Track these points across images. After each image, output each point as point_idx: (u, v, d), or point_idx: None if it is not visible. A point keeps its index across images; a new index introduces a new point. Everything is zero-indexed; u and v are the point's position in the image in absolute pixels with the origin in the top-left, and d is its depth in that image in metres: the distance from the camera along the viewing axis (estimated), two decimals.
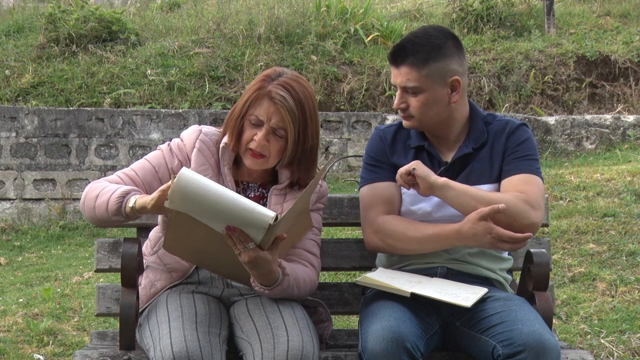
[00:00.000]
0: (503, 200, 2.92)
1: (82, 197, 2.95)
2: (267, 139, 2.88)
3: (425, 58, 2.98)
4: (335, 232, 5.91)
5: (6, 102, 8.40)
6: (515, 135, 3.07)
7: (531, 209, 2.93)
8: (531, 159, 3.04)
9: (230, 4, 10.21)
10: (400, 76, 3.01)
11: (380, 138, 3.14)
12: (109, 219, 2.86)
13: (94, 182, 2.96)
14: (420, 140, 3.09)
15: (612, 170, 6.74)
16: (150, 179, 2.93)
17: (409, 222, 3.01)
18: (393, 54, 3.03)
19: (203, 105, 8.55)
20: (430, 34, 3.02)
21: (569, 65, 9.35)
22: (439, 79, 2.99)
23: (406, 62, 2.99)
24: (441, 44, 3.00)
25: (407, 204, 3.07)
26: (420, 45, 2.99)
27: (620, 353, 4.43)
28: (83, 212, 2.94)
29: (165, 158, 2.98)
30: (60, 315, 4.96)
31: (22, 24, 9.86)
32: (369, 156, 3.13)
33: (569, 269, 5.26)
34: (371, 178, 3.10)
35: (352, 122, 8.22)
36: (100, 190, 2.89)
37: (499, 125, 3.10)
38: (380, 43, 9.38)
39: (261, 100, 2.89)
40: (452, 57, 3.01)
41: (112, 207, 2.83)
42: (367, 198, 3.09)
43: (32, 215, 7.60)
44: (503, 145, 3.06)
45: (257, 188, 3.02)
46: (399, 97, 3.03)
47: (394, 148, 3.11)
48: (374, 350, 2.68)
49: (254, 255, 2.69)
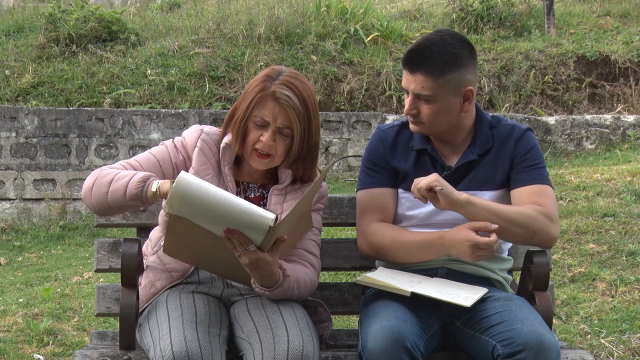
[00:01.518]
0: (525, 214, 2.92)
1: (89, 183, 2.88)
2: (273, 139, 2.88)
3: (442, 67, 2.94)
4: (335, 232, 5.91)
5: (6, 102, 8.40)
6: (522, 143, 3.05)
7: (551, 223, 2.94)
8: (540, 167, 3.04)
9: (230, 4, 10.21)
10: (414, 83, 2.97)
11: (380, 140, 3.11)
12: (124, 204, 2.82)
13: (100, 169, 2.91)
14: (423, 144, 3.07)
15: (612, 170, 6.74)
16: (154, 172, 2.92)
17: (397, 231, 3.01)
18: (409, 59, 2.98)
19: (203, 105, 8.55)
20: (448, 42, 2.97)
21: (569, 65, 9.35)
22: (453, 89, 2.97)
23: (422, 69, 2.95)
24: (458, 53, 2.96)
25: (405, 209, 3.06)
26: (437, 53, 2.94)
27: (620, 353, 4.43)
28: (88, 198, 2.88)
29: (170, 153, 2.98)
30: (60, 315, 4.96)
31: (22, 24, 9.86)
32: (368, 159, 3.12)
33: (569, 269, 5.26)
34: (368, 182, 3.10)
35: (352, 122, 8.22)
36: (114, 175, 2.84)
37: (504, 131, 3.08)
38: (380, 43, 9.38)
39: (265, 101, 2.88)
40: (467, 67, 2.99)
41: (131, 192, 2.79)
42: (362, 204, 3.09)
43: (32, 215, 7.60)
44: (510, 152, 3.04)
45: (258, 188, 3.02)
46: (411, 103, 3.00)
47: (394, 150, 3.09)
48: (374, 349, 2.68)
49: (255, 257, 2.69)
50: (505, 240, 3.01)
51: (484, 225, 2.87)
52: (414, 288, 2.84)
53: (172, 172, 2.94)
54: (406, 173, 3.05)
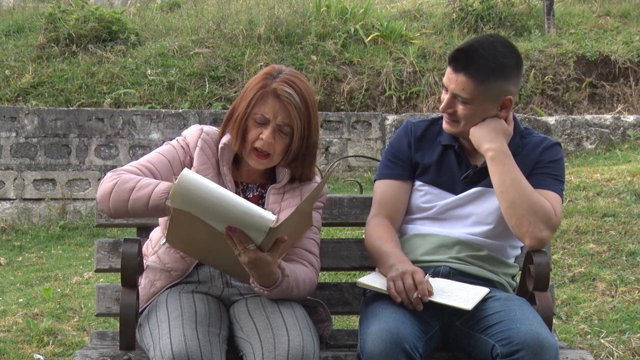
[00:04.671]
0: (543, 201, 2.92)
1: (107, 187, 2.83)
2: (273, 137, 2.88)
3: (487, 74, 2.93)
4: (335, 232, 5.91)
5: (6, 102, 8.40)
6: (550, 152, 3.06)
7: (544, 226, 2.93)
8: (558, 179, 3.05)
9: (230, 4, 10.21)
10: (455, 83, 2.96)
11: (406, 131, 3.14)
12: (144, 213, 2.80)
13: (118, 173, 2.86)
14: (451, 140, 3.09)
15: (612, 170, 6.74)
16: (167, 173, 2.92)
17: (384, 231, 3.02)
18: (455, 58, 2.97)
19: (203, 105, 8.55)
20: (498, 50, 2.96)
21: (569, 65, 9.35)
22: (492, 97, 2.97)
23: (466, 71, 2.94)
24: (506, 63, 2.96)
25: (422, 201, 3.08)
26: (485, 59, 2.93)
27: (620, 353, 4.43)
28: (105, 202, 2.83)
29: (178, 153, 2.98)
30: (60, 315, 4.96)
31: (22, 24, 9.86)
32: (390, 149, 3.15)
33: (569, 269, 5.26)
34: (385, 174, 3.12)
35: (352, 122, 8.22)
36: (135, 182, 2.81)
37: (534, 140, 3.09)
38: (380, 43, 9.38)
39: (266, 98, 2.89)
40: (512, 77, 2.98)
41: (154, 202, 2.77)
42: (375, 195, 3.13)
43: (32, 215, 7.60)
44: (536, 158, 3.05)
45: (256, 188, 3.03)
46: (448, 101, 3.00)
47: (421, 143, 3.11)
48: (372, 351, 2.68)
49: (254, 256, 2.69)
50: (502, 209, 2.97)
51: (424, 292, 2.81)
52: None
53: (180, 172, 2.94)
54: (428, 166, 3.08)
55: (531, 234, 2.93)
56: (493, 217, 3.03)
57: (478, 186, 3.03)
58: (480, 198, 3.04)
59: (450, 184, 3.07)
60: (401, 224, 3.12)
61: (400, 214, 3.10)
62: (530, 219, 2.91)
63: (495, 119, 3.01)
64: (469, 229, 3.03)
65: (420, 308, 2.80)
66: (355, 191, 6.81)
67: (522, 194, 2.92)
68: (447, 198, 3.05)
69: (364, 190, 5.73)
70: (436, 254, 3.03)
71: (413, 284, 2.80)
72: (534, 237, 2.93)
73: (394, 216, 3.09)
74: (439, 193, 3.07)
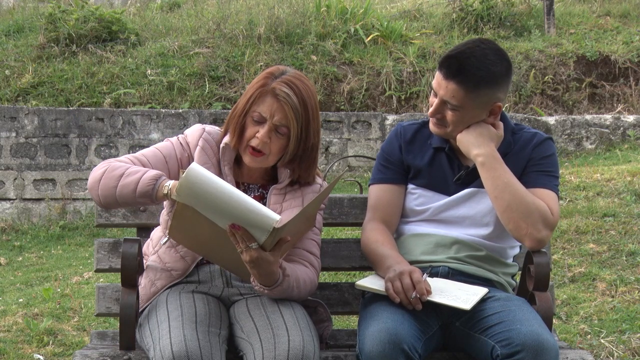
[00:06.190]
0: (537, 201, 2.91)
1: (97, 174, 2.84)
2: (269, 136, 2.88)
3: (477, 82, 2.93)
4: (335, 232, 5.91)
5: (6, 102, 8.40)
6: (541, 148, 3.06)
7: (543, 226, 2.92)
8: (552, 175, 3.04)
9: (230, 4, 10.21)
10: (445, 90, 2.95)
11: (397, 135, 3.14)
12: (132, 200, 2.81)
13: (109, 162, 2.87)
14: (442, 142, 3.09)
15: (612, 170, 6.74)
16: (161, 168, 2.91)
17: (380, 234, 3.03)
18: (445, 64, 2.95)
19: (203, 105, 8.55)
20: (489, 57, 2.94)
21: (569, 65, 9.35)
22: (482, 104, 2.97)
23: (457, 78, 2.93)
24: (496, 71, 2.95)
25: (415, 204, 3.08)
26: (475, 67, 2.92)
27: (620, 353, 4.43)
28: (95, 189, 2.83)
29: (176, 150, 2.98)
30: (60, 315, 4.96)
31: (22, 24, 9.86)
32: (382, 154, 3.15)
33: (569, 269, 5.26)
34: (378, 178, 3.13)
35: (352, 122, 8.22)
36: (124, 169, 2.82)
37: (526, 137, 3.08)
38: (380, 43, 9.38)
39: (264, 97, 2.89)
40: (501, 85, 2.98)
41: (142, 189, 2.78)
42: (370, 199, 3.13)
43: (32, 215, 7.60)
44: (527, 156, 3.04)
45: (258, 189, 3.03)
46: (437, 107, 2.99)
47: (411, 146, 3.11)
48: (371, 352, 2.68)
49: (256, 255, 2.69)
50: (498, 214, 2.97)
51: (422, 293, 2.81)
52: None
53: (177, 168, 2.94)
54: (420, 169, 3.08)
55: (530, 235, 2.92)
56: (488, 218, 3.02)
57: (471, 187, 3.03)
58: (473, 199, 3.04)
59: (443, 186, 3.06)
60: (397, 226, 3.12)
61: (395, 218, 3.10)
62: (528, 221, 2.91)
63: (482, 124, 3.01)
64: (465, 231, 3.04)
65: (419, 307, 2.80)
66: (355, 191, 6.81)
67: (516, 197, 2.91)
68: (440, 200, 3.05)
69: (364, 191, 5.73)
70: (435, 253, 3.03)
71: (411, 284, 2.80)
72: (534, 239, 2.93)
73: (389, 220, 3.09)
74: (432, 195, 3.07)
